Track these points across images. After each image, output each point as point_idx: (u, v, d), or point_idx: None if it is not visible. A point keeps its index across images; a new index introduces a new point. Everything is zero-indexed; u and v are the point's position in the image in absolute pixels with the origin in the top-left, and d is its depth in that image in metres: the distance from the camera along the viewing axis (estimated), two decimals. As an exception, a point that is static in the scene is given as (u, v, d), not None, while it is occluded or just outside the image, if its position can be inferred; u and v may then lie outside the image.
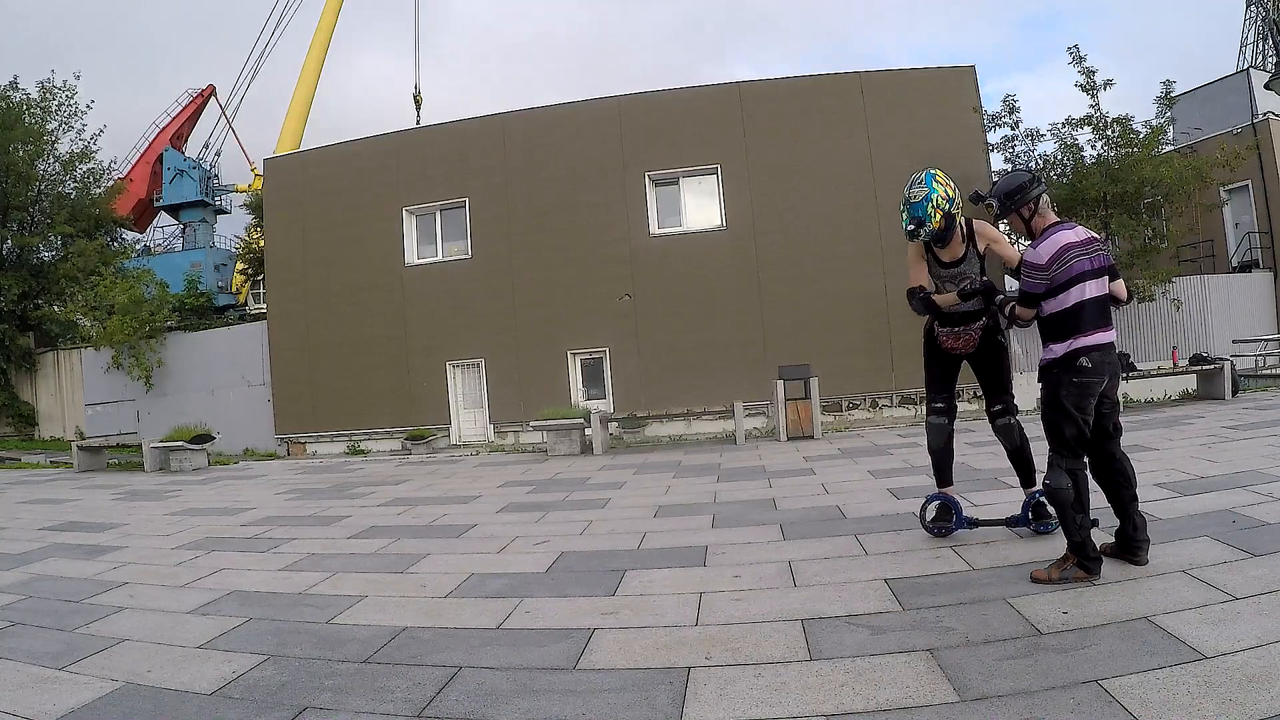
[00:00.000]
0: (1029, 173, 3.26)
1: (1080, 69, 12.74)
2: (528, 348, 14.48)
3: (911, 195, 3.54)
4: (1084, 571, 3.02)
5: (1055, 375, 3.12)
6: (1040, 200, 3.21)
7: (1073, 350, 3.05)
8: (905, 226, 3.56)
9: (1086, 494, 3.08)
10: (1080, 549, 3.04)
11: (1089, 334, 3.06)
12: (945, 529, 3.90)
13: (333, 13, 32.30)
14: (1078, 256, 3.06)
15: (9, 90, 19.92)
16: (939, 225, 3.51)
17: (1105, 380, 3.10)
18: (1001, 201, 3.26)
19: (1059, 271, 3.05)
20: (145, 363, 17.31)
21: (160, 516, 6.75)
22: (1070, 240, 3.08)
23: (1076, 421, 3.07)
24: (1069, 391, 3.07)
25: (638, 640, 2.80)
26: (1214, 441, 6.31)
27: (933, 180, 3.53)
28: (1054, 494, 3.08)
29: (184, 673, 2.75)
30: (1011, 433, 3.79)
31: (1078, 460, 3.11)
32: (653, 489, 6.55)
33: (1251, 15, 34.41)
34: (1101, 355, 3.07)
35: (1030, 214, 3.22)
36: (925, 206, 3.49)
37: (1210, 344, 13.26)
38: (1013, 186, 3.25)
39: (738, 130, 14.08)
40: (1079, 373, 3.05)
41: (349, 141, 16.07)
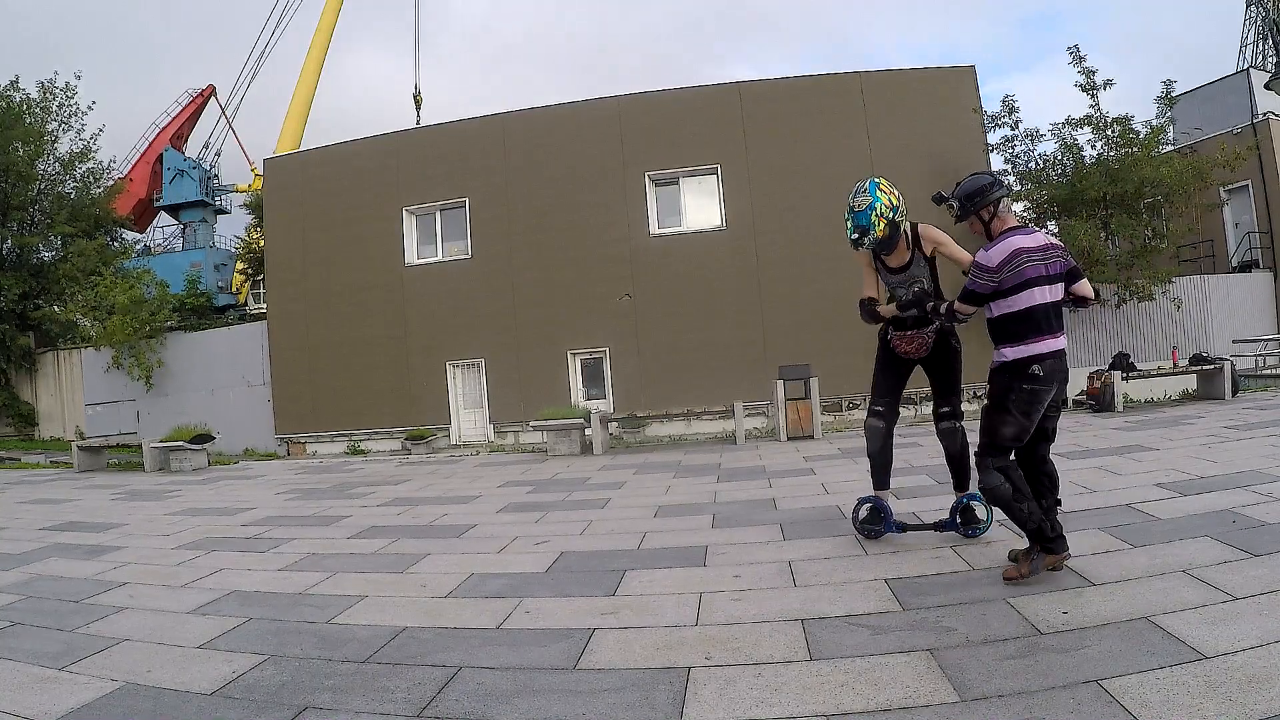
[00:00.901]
0: (990, 175, 3.27)
1: (1080, 69, 12.74)
2: (528, 348, 14.48)
3: (855, 204, 3.60)
4: (1051, 554, 3.03)
5: (1005, 379, 3.12)
6: (1001, 203, 3.22)
7: (1026, 357, 3.06)
8: (850, 235, 3.63)
9: (1023, 483, 3.10)
10: (1039, 535, 3.05)
11: (1041, 340, 3.08)
12: (875, 531, 3.96)
13: (333, 12, 32.30)
14: (1031, 262, 3.06)
15: (9, 90, 19.92)
16: (883, 233, 3.58)
17: (1055, 388, 3.10)
18: (962, 203, 3.27)
19: (1009, 275, 3.06)
20: (145, 363, 17.31)
21: (160, 516, 6.75)
22: (1024, 245, 3.08)
23: (1019, 425, 3.08)
24: (1018, 397, 3.07)
25: (638, 640, 2.80)
26: (1214, 441, 6.31)
27: (876, 189, 3.60)
28: (992, 493, 3.09)
29: (184, 673, 2.75)
30: (955, 436, 3.84)
31: (1005, 458, 3.12)
32: (653, 489, 6.55)
33: (1251, 15, 34.41)
34: (1054, 363, 3.08)
35: (990, 216, 3.23)
36: (869, 215, 3.56)
37: (1210, 344, 13.25)
38: (973, 189, 3.25)
39: (738, 130, 14.07)
40: (1031, 380, 3.05)
41: (349, 141, 16.06)
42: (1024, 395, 3.06)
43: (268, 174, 17.10)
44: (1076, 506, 4.33)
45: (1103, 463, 5.79)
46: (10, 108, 19.64)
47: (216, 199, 32.83)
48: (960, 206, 3.28)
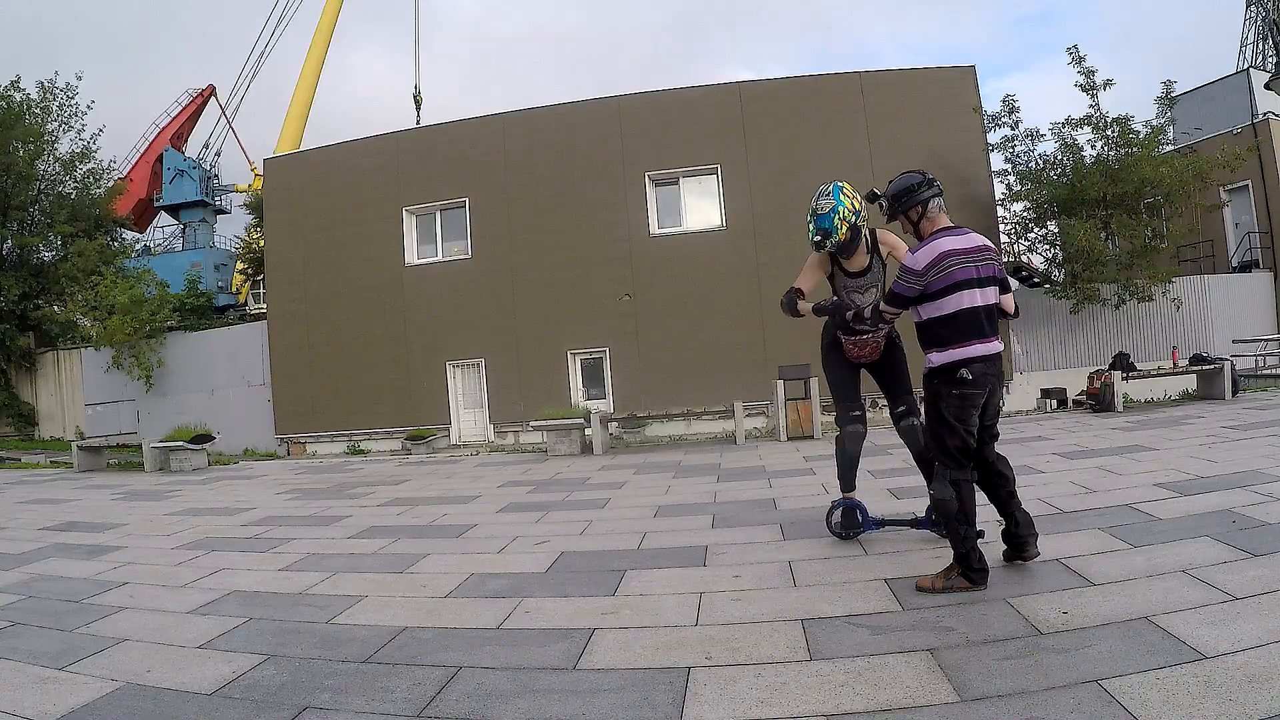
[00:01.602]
0: (921, 175, 3.21)
1: (1080, 69, 12.74)
2: (528, 348, 14.49)
3: (818, 207, 3.62)
4: (968, 582, 3.01)
5: (935, 386, 3.07)
6: (931, 204, 3.15)
7: (954, 361, 3.00)
8: (812, 237, 3.65)
9: (972, 505, 3.04)
10: (964, 560, 3.03)
11: (970, 344, 3.00)
12: (852, 533, 3.99)
13: (333, 12, 32.29)
14: (959, 264, 2.99)
15: (9, 90, 19.91)
16: (844, 237, 3.60)
17: (986, 392, 3.06)
18: (890, 202, 3.24)
19: (936, 278, 3.00)
20: (145, 363, 17.32)
21: (160, 516, 6.75)
22: (953, 248, 3.01)
23: (959, 432, 3.03)
24: (949, 403, 3.03)
25: (638, 640, 2.80)
26: (1214, 441, 6.31)
27: (839, 193, 3.62)
28: (938, 504, 3.07)
29: (184, 673, 2.75)
30: (916, 434, 3.81)
31: (962, 470, 3.06)
32: (653, 489, 6.55)
33: (1251, 15, 34.43)
34: (984, 367, 3.01)
35: (919, 217, 3.17)
36: (831, 218, 3.57)
37: (1210, 344, 13.26)
38: (901, 188, 3.19)
39: (738, 130, 14.08)
40: (959, 384, 2.99)
41: (349, 141, 16.08)
42: (954, 401, 3.01)
43: (268, 174, 17.11)
44: (1076, 507, 4.33)
45: (1103, 463, 5.79)
46: (10, 108, 19.63)
47: (216, 199, 32.83)
48: (888, 205, 3.24)
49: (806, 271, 3.83)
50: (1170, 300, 12.99)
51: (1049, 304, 13.67)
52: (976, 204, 13.67)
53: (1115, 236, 13.11)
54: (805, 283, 3.78)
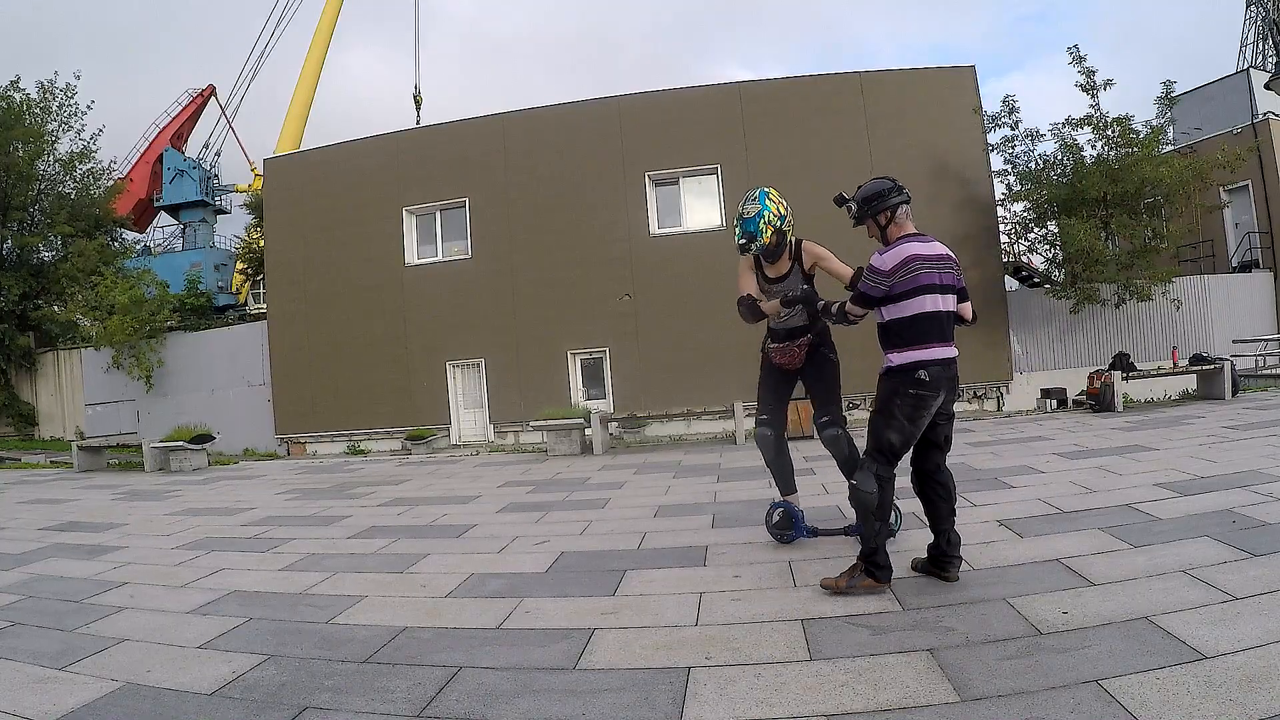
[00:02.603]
0: (892, 182, 3.28)
1: (1080, 69, 12.73)
2: (528, 348, 14.49)
3: (745, 211, 3.70)
4: (872, 580, 3.06)
5: (892, 384, 3.13)
6: (899, 210, 3.21)
7: (913, 362, 3.06)
8: (738, 240, 3.71)
9: (890, 502, 3.09)
10: (870, 556, 3.07)
11: (930, 347, 3.06)
12: (787, 536, 4.04)
13: (333, 12, 32.29)
14: (924, 269, 3.06)
15: (9, 90, 19.90)
16: (769, 241, 3.69)
17: (942, 395, 3.11)
18: (860, 206, 3.29)
19: (902, 280, 3.06)
20: (145, 363, 17.31)
21: (160, 516, 6.75)
22: (919, 252, 3.08)
23: (904, 431, 3.08)
24: (904, 402, 3.08)
25: (638, 640, 2.80)
26: (1214, 441, 6.31)
27: (766, 198, 3.71)
28: (857, 495, 3.09)
29: (184, 673, 2.75)
30: (839, 443, 3.88)
31: (888, 467, 3.11)
32: (653, 489, 6.55)
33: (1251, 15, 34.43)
34: (941, 369, 3.07)
35: (886, 221, 3.23)
36: (757, 222, 3.66)
37: (1210, 344, 13.26)
38: (873, 192, 3.26)
39: (738, 130, 14.08)
40: (917, 385, 3.05)
41: (349, 141, 16.07)
42: (909, 401, 3.06)
43: (268, 174, 17.11)
44: (1076, 507, 4.33)
45: (1103, 463, 5.78)
46: (10, 108, 19.62)
47: (216, 199, 32.81)
48: (858, 209, 3.29)
49: (743, 276, 3.91)
50: (1170, 300, 12.99)
51: (1049, 304, 13.67)
52: (976, 204, 13.67)
53: (1115, 236, 13.11)
54: (749, 286, 3.86)
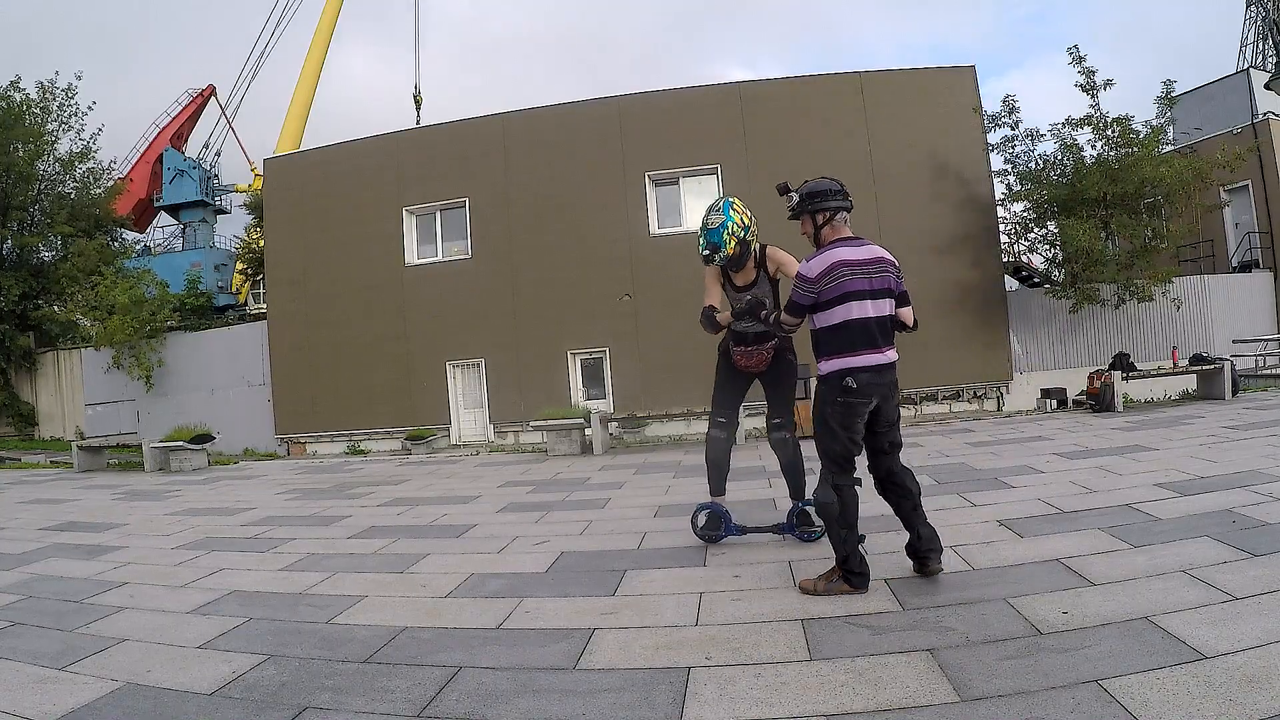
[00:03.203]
0: (838, 184, 3.29)
1: (1080, 69, 12.73)
2: (528, 348, 14.49)
3: (709, 222, 3.76)
4: (849, 585, 3.08)
5: (823, 392, 3.14)
6: (837, 215, 3.22)
7: (841, 369, 3.06)
8: (701, 251, 3.77)
9: (853, 510, 3.11)
10: (845, 563, 3.10)
11: (858, 354, 3.05)
12: (715, 536, 4.08)
13: (333, 12, 32.29)
14: (852, 275, 3.05)
15: (9, 90, 19.90)
16: (733, 251, 3.73)
17: (873, 401, 3.10)
18: (801, 199, 3.29)
19: (827, 287, 3.05)
20: (145, 363, 17.31)
21: (160, 516, 6.75)
22: (847, 258, 3.06)
23: (841, 439, 3.09)
24: (834, 410, 3.08)
25: (638, 640, 2.80)
26: (1214, 441, 6.30)
27: (730, 209, 3.77)
28: (821, 508, 3.13)
29: (184, 673, 2.75)
30: (785, 447, 3.97)
31: (844, 476, 3.12)
32: (653, 489, 6.55)
33: (1251, 15, 34.43)
34: (871, 376, 3.05)
35: (823, 222, 3.22)
36: (721, 233, 3.71)
37: (1210, 344, 13.26)
38: (815, 190, 3.26)
39: (738, 130, 14.08)
40: (844, 392, 3.04)
41: (349, 141, 16.07)
42: (839, 409, 3.07)
43: (268, 174, 17.11)
44: (1076, 507, 4.33)
45: (1103, 463, 5.78)
46: (10, 108, 19.62)
47: (216, 199, 32.82)
48: (799, 202, 3.29)
49: (709, 286, 3.98)
50: (1170, 300, 12.99)
51: (1049, 304, 13.67)
52: (976, 204, 13.68)
53: (1115, 236, 13.11)
54: (713, 297, 3.92)
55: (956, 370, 13.57)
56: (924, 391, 13.65)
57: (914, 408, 13.63)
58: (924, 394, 13.67)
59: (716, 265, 3.85)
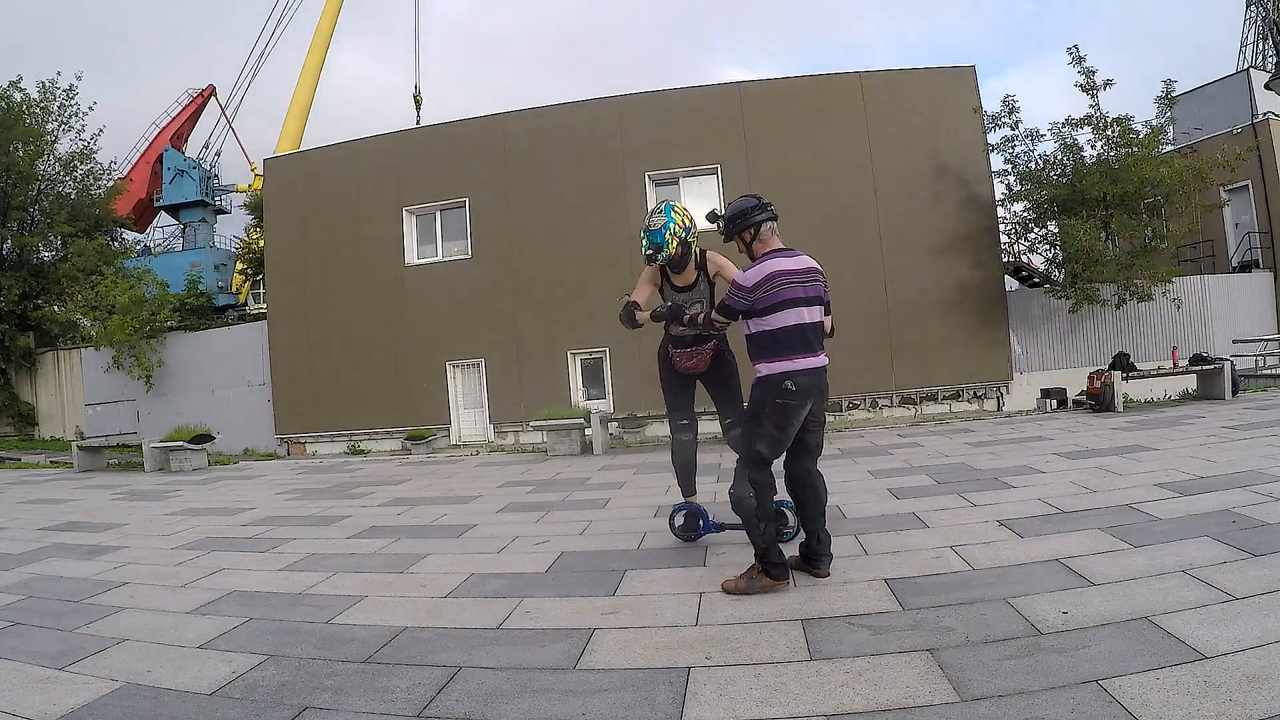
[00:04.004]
0: (756, 199, 3.41)
1: (1080, 69, 12.73)
2: (528, 348, 14.48)
3: (651, 224, 3.87)
4: (769, 579, 3.19)
5: (761, 394, 3.24)
6: (763, 227, 3.33)
7: (780, 373, 3.17)
8: (644, 251, 3.88)
9: (769, 504, 3.22)
10: (764, 557, 3.20)
11: (797, 358, 3.18)
12: (693, 535, 4.20)
13: (333, 12, 32.29)
14: (788, 284, 3.18)
15: (9, 90, 19.90)
16: (674, 252, 3.84)
17: (810, 404, 3.23)
18: (726, 224, 3.44)
19: (764, 295, 3.18)
20: (145, 363, 17.30)
21: (160, 516, 6.75)
22: (783, 268, 3.19)
23: (771, 439, 3.22)
24: (772, 411, 3.20)
25: (638, 640, 2.80)
26: (1214, 441, 6.31)
27: (671, 211, 3.87)
28: (737, 502, 3.21)
29: (184, 673, 2.75)
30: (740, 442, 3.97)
31: (763, 473, 3.24)
32: (653, 489, 6.55)
33: (1251, 15, 34.43)
34: (809, 379, 3.19)
35: (751, 238, 3.35)
36: (663, 234, 3.82)
37: (1210, 344, 13.26)
38: (735, 212, 3.39)
39: (738, 130, 14.07)
40: (784, 394, 3.17)
41: (349, 141, 16.06)
42: (777, 410, 3.19)
43: (268, 174, 17.10)
44: (1076, 506, 4.33)
45: (1103, 463, 5.79)
46: (10, 108, 19.62)
47: (216, 199, 32.84)
48: (725, 226, 3.43)
49: (640, 284, 4.07)
50: (1170, 300, 12.98)
51: (1049, 304, 13.67)
52: (976, 204, 13.67)
53: (1115, 236, 13.10)
54: (640, 295, 4.01)
55: (956, 370, 13.56)
56: (924, 391, 13.65)
57: (914, 408, 13.63)
58: (924, 394, 13.67)
59: (659, 265, 3.98)
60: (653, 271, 4.06)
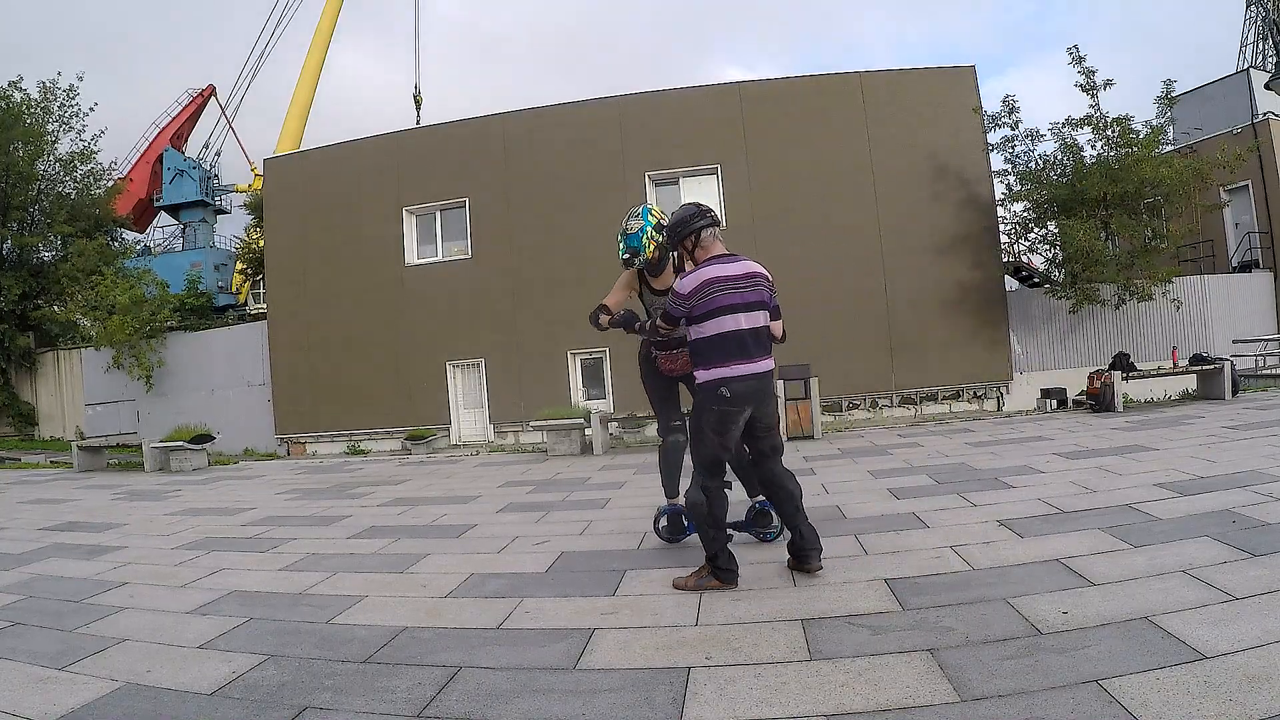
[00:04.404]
0: (696, 207, 3.43)
1: (1080, 69, 12.73)
2: (528, 348, 14.48)
3: (628, 227, 3.87)
4: (718, 580, 3.26)
5: (699, 400, 3.29)
6: (704, 234, 3.36)
7: (716, 379, 3.20)
8: (621, 255, 3.88)
9: (721, 510, 3.28)
10: (713, 560, 3.28)
11: (732, 364, 3.20)
12: (678, 537, 4.22)
13: (333, 12, 32.28)
14: (723, 290, 3.21)
15: (10, 90, 19.89)
16: (652, 255, 3.84)
17: (748, 409, 3.26)
18: (668, 233, 3.48)
19: (699, 303, 3.22)
20: (145, 363, 17.31)
21: (160, 516, 6.75)
22: (718, 275, 3.22)
23: (713, 445, 3.27)
24: (709, 417, 3.24)
25: (638, 640, 2.80)
26: (1214, 441, 6.30)
27: (648, 214, 3.87)
28: (692, 507, 3.29)
29: (184, 673, 2.75)
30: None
31: (714, 479, 3.29)
32: (653, 489, 6.53)
33: (1251, 15, 34.43)
34: (746, 385, 3.21)
35: (693, 245, 3.39)
36: (640, 238, 3.82)
37: (1210, 344, 13.26)
38: (676, 220, 3.44)
39: (738, 130, 14.07)
40: (720, 401, 3.20)
41: (349, 141, 16.07)
42: (713, 416, 3.23)
43: (268, 174, 17.10)
44: (1076, 506, 4.33)
45: (1103, 463, 5.78)
46: (10, 108, 19.61)
47: (216, 199, 32.85)
48: (666, 236, 3.48)
49: (615, 289, 4.05)
50: (1170, 300, 12.98)
51: (1049, 304, 13.67)
52: (976, 204, 13.68)
53: (1115, 236, 13.10)
54: (611, 299, 3.99)
55: (956, 370, 13.57)
56: (924, 391, 13.66)
57: (914, 408, 13.63)
58: (924, 394, 13.68)
59: (636, 269, 3.98)
60: (630, 276, 4.05)
